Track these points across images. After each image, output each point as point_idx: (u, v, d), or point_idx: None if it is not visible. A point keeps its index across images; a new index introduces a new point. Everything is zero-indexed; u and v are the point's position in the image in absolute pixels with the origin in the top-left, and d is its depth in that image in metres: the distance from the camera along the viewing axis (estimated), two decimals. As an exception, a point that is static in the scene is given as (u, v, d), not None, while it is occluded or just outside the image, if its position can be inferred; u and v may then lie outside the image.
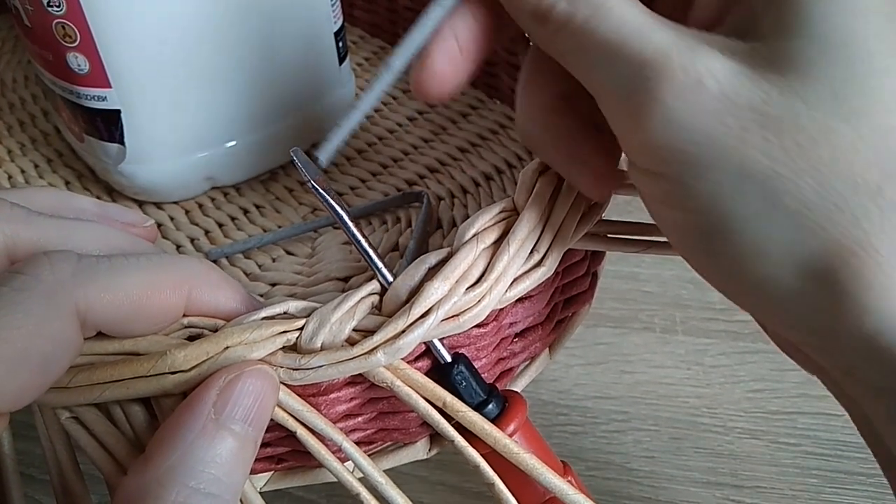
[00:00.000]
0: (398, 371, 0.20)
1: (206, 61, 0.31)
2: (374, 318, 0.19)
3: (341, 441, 0.20)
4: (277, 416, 0.19)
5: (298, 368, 0.19)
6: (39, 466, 0.33)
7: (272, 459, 0.22)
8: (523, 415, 0.22)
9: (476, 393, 0.21)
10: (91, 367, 0.19)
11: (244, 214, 0.35)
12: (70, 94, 0.31)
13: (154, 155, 0.32)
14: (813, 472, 0.32)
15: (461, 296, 0.19)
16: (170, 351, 0.18)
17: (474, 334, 0.21)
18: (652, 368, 0.36)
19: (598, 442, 0.34)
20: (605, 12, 0.17)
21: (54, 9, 0.28)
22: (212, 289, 0.19)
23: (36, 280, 0.16)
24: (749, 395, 0.34)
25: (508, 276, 0.20)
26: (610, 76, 0.17)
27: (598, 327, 0.37)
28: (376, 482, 0.20)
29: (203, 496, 0.16)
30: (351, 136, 0.19)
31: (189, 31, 0.30)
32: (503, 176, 0.34)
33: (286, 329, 0.19)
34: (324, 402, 0.20)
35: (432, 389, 0.20)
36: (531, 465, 0.20)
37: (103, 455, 0.20)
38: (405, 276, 0.20)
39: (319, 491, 0.32)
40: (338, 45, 0.36)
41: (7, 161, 0.38)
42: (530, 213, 0.21)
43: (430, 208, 0.32)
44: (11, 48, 0.49)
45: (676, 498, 0.31)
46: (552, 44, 0.18)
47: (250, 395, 0.17)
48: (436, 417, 0.20)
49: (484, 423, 0.20)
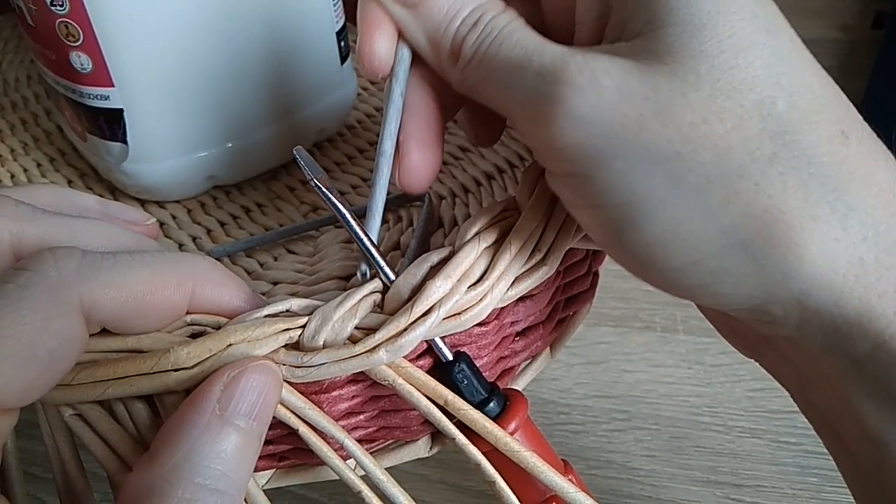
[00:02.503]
0: (400, 369, 0.20)
1: (208, 61, 0.31)
2: (376, 316, 0.19)
3: (343, 439, 0.20)
4: (280, 413, 0.19)
5: (301, 366, 0.19)
6: (42, 464, 0.33)
7: (274, 457, 0.22)
8: (524, 413, 0.22)
9: (477, 391, 0.21)
10: (94, 364, 0.19)
11: (246, 213, 0.35)
12: (73, 94, 0.31)
13: (156, 154, 0.32)
14: (813, 470, 0.32)
15: (463, 294, 0.19)
16: (173, 348, 0.18)
17: (476, 333, 0.21)
18: (653, 367, 0.36)
19: (598, 441, 0.34)
20: (507, 35, 0.18)
21: (57, 8, 0.28)
22: (215, 286, 0.19)
23: (41, 276, 0.16)
24: (750, 394, 0.34)
25: (510, 275, 0.20)
26: (516, 91, 0.18)
27: (599, 326, 0.37)
28: (378, 480, 0.20)
29: (209, 492, 0.16)
30: (385, 206, 0.21)
31: (192, 30, 0.30)
32: (504, 175, 0.34)
33: (289, 327, 0.19)
34: (326, 399, 0.20)
35: (434, 387, 0.20)
36: (532, 463, 0.20)
37: (107, 452, 0.20)
38: (407, 275, 0.20)
39: (321, 489, 0.32)
40: (339, 45, 0.36)
41: (10, 160, 0.38)
42: (532, 212, 0.21)
43: (432, 207, 0.32)
44: (14, 47, 0.49)
45: (677, 497, 0.32)
46: (466, 79, 0.19)
47: (254, 390, 0.18)
48: (437, 415, 0.20)
49: (485, 421, 0.20)
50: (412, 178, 0.21)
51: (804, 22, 0.57)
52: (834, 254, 0.15)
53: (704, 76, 0.16)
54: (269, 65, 0.33)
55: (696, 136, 0.16)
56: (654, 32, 0.16)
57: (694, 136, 0.16)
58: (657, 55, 0.16)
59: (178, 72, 0.31)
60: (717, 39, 0.16)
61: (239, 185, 0.36)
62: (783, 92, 0.16)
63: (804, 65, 0.17)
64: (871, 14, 0.58)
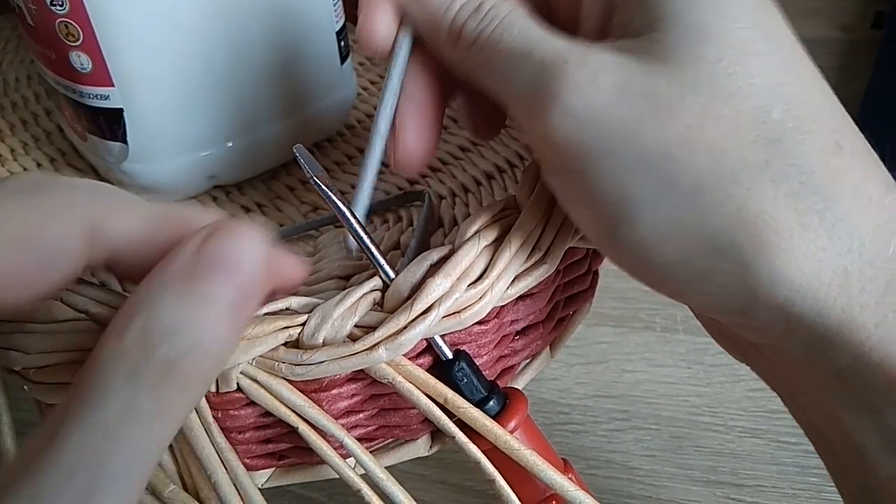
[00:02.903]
0: (399, 367, 0.20)
1: (208, 60, 0.31)
2: (375, 314, 0.19)
3: (343, 437, 0.20)
4: (279, 412, 0.19)
5: (300, 364, 0.19)
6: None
7: (274, 456, 0.22)
8: (524, 412, 0.22)
9: (477, 390, 0.21)
10: (94, 362, 0.19)
11: (246, 213, 0.35)
12: (73, 93, 0.31)
13: (156, 154, 0.32)
14: (813, 470, 0.32)
15: (463, 292, 0.19)
16: (172, 347, 0.18)
17: (476, 331, 0.21)
18: (652, 367, 0.36)
19: (598, 440, 0.34)
20: (508, 25, 0.18)
21: (57, 8, 0.28)
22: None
23: (53, 181, 0.16)
24: (749, 393, 0.34)
25: (510, 274, 0.20)
26: (515, 83, 0.18)
27: (599, 326, 0.37)
28: (377, 479, 0.20)
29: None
30: (374, 188, 0.21)
31: (191, 30, 0.30)
32: (504, 175, 0.34)
33: (288, 324, 0.19)
34: (326, 398, 0.20)
35: (433, 386, 0.20)
36: (532, 461, 0.20)
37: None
38: (407, 273, 0.20)
39: (321, 488, 0.32)
40: (339, 45, 0.36)
41: (10, 160, 0.38)
42: (532, 211, 0.21)
43: (432, 207, 0.32)
44: (14, 47, 0.49)
45: (677, 496, 0.32)
46: (465, 62, 0.19)
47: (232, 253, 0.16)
48: (437, 414, 0.20)
49: (485, 419, 0.20)
50: (406, 158, 0.21)
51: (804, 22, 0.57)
52: (819, 263, 0.15)
53: (704, 81, 0.16)
54: (268, 64, 0.33)
55: (693, 139, 0.16)
56: (656, 34, 0.17)
57: (690, 139, 0.16)
58: (658, 57, 0.16)
59: (177, 71, 0.31)
60: (717, 45, 0.16)
61: (239, 185, 0.37)
62: (779, 101, 0.16)
63: (803, 74, 0.17)
64: (871, 14, 0.58)
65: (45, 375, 0.19)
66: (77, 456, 0.14)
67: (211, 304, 0.15)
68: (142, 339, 0.14)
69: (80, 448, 0.14)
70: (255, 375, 0.19)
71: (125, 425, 0.14)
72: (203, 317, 0.15)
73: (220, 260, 0.15)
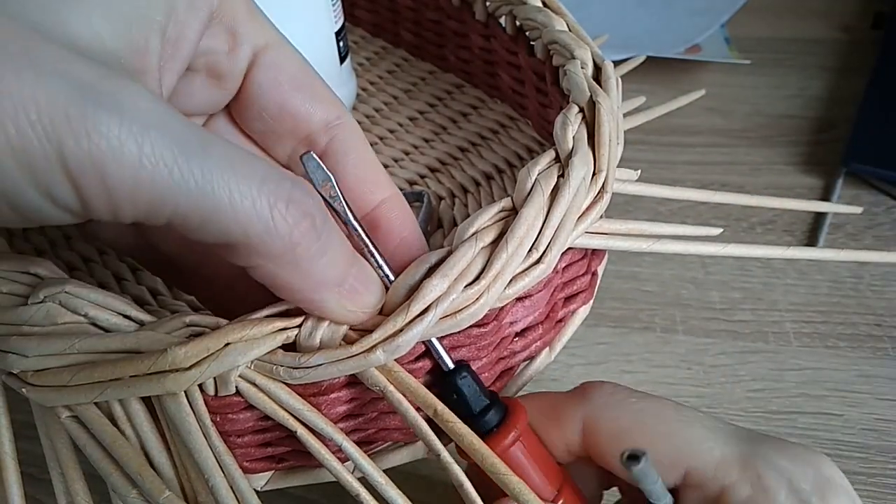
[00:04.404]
0: (392, 374, 0.20)
1: (206, 61, 0.31)
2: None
3: (341, 441, 0.20)
4: (278, 415, 0.19)
5: (298, 367, 0.19)
6: (40, 466, 0.33)
7: (273, 459, 0.22)
8: (523, 423, 0.21)
9: (476, 401, 0.21)
10: (91, 365, 0.19)
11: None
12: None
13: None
14: (814, 471, 0.32)
15: (459, 293, 0.19)
16: (170, 348, 0.18)
17: (475, 334, 0.21)
18: (652, 368, 0.36)
19: (598, 441, 0.34)
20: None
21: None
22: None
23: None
24: (749, 394, 0.34)
25: (507, 274, 0.20)
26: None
27: (599, 327, 0.37)
28: (376, 483, 0.20)
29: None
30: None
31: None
32: (503, 175, 0.34)
33: (286, 326, 0.19)
34: (324, 401, 0.20)
35: (424, 396, 0.20)
36: (517, 489, 0.19)
37: (102, 455, 0.20)
38: (405, 275, 0.20)
39: (320, 491, 0.32)
40: (338, 45, 0.36)
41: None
42: (529, 211, 0.21)
43: (431, 207, 0.32)
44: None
45: (677, 497, 0.31)
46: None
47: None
48: (424, 429, 0.20)
49: (473, 437, 0.20)
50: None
51: (804, 22, 0.57)
52: None
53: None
54: (267, 65, 0.33)
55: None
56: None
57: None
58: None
59: (176, 72, 0.31)
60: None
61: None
62: None
63: None
64: (871, 14, 0.57)
65: (43, 378, 0.19)
66: None
67: None
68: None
69: None
70: (253, 379, 0.19)
71: None
72: None
73: None
